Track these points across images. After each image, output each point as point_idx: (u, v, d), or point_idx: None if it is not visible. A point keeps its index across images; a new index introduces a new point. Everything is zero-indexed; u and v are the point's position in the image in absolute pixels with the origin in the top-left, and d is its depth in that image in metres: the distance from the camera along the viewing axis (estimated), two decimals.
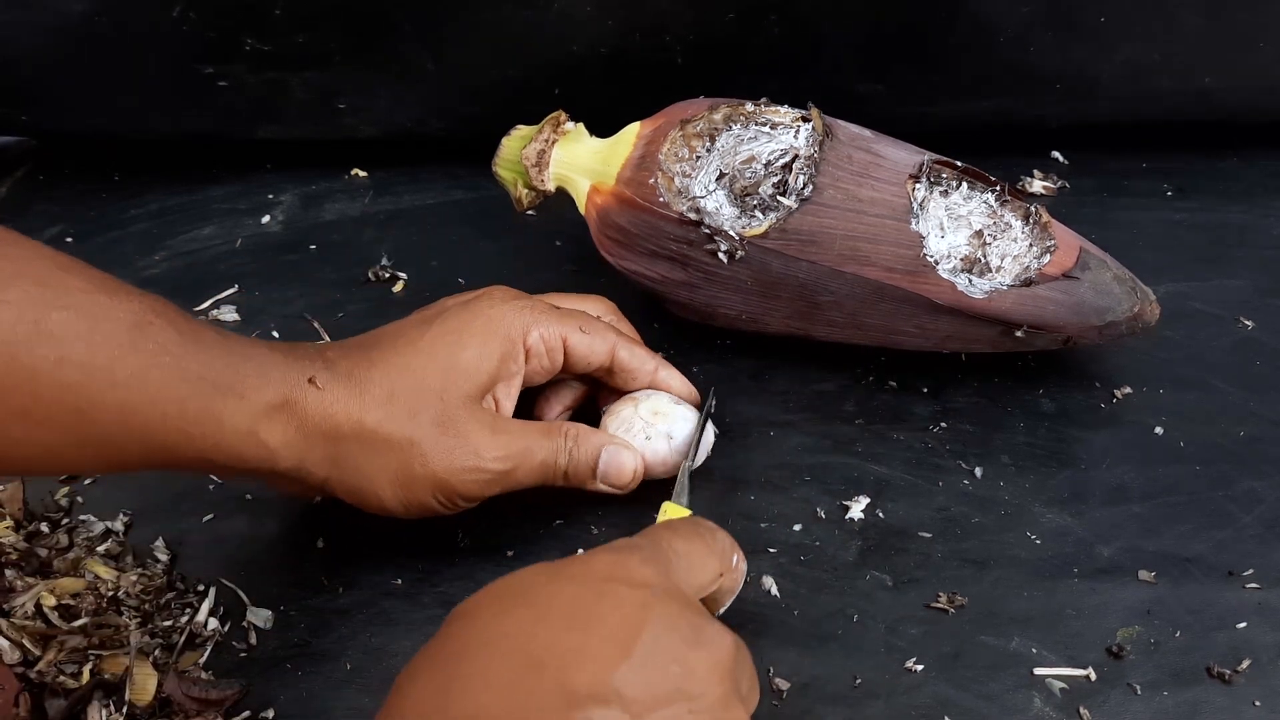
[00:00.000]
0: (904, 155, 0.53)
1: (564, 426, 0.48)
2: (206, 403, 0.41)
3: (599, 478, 0.49)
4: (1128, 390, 0.55)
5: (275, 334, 0.61)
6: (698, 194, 0.53)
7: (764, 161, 0.53)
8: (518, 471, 0.47)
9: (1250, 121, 0.70)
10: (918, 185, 0.53)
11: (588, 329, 0.50)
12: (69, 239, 0.69)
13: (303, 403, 0.43)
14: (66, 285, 0.39)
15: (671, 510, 0.47)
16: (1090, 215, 0.65)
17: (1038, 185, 0.68)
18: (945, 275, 0.51)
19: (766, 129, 0.54)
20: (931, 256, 0.51)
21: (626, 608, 0.33)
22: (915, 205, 0.52)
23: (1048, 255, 0.52)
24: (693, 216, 0.52)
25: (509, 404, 0.48)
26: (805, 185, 0.51)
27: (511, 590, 0.34)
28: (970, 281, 0.51)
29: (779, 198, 0.51)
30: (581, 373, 0.51)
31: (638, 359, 0.51)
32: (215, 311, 0.63)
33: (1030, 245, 0.52)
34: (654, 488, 0.50)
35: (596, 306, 0.53)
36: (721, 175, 0.53)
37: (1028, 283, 0.51)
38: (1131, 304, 0.52)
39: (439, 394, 0.45)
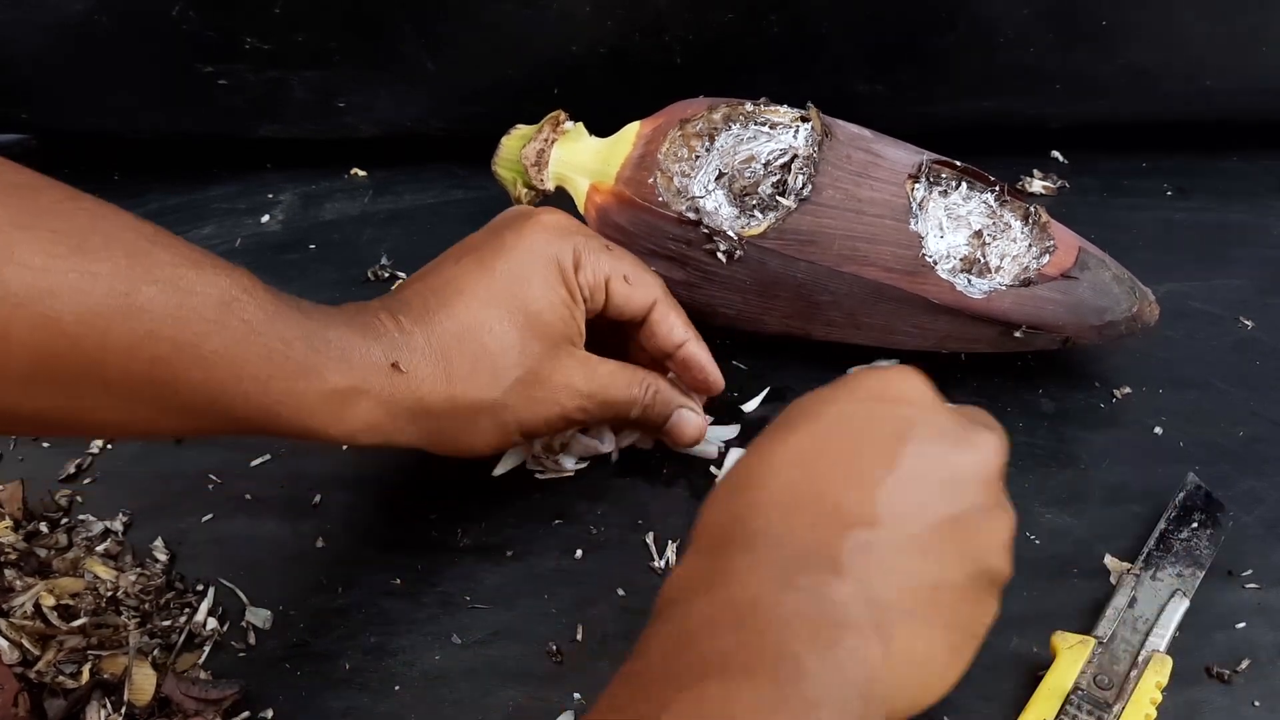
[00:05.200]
0: (903, 155, 0.53)
1: (645, 380, 0.49)
2: (289, 383, 0.40)
3: (665, 433, 0.50)
4: (1128, 390, 0.55)
5: None
6: (697, 194, 0.53)
7: (763, 161, 0.53)
8: (596, 414, 0.48)
9: (1251, 121, 0.70)
10: (917, 185, 0.53)
11: (633, 279, 0.49)
12: None
13: (388, 388, 0.43)
14: (155, 259, 0.38)
15: None
16: (1090, 215, 0.65)
17: (1038, 185, 0.68)
18: (944, 275, 0.51)
19: (766, 129, 0.54)
20: (930, 256, 0.51)
21: (891, 424, 0.36)
22: (914, 205, 0.52)
23: (1047, 255, 0.52)
24: (692, 216, 0.52)
25: (582, 336, 0.48)
26: (804, 185, 0.51)
27: (796, 412, 0.38)
28: (969, 281, 0.51)
29: (778, 198, 0.51)
30: (613, 319, 0.50)
31: (670, 324, 0.50)
32: None
33: (1029, 245, 0.52)
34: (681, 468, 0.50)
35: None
36: (721, 175, 0.53)
37: (1026, 283, 0.51)
38: (1130, 304, 0.52)
39: (521, 351, 0.45)
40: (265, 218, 0.70)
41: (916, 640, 0.33)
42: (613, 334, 0.51)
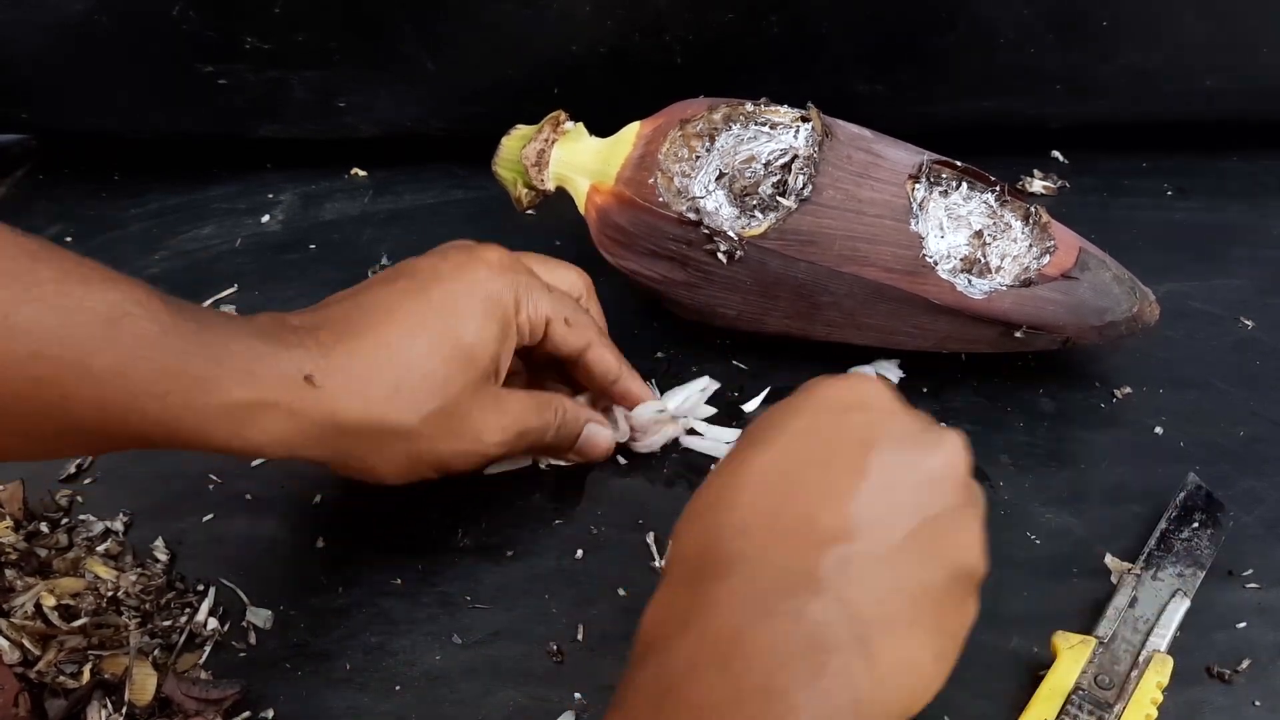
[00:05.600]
0: (904, 155, 0.53)
1: (554, 403, 0.49)
2: (188, 396, 0.39)
3: (575, 450, 0.51)
4: (1128, 390, 0.55)
5: None
6: (697, 194, 0.53)
7: (764, 161, 0.53)
8: (512, 449, 0.48)
9: (1251, 121, 0.70)
10: (917, 185, 0.53)
11: (573, 321, 0.49)
12: (69, 239, 0.69)
13: (298, 403, 0.41)
14: (37, 276, 0.37)
15: None
16: (1090, 215, 0.65)
17: (1038, 185, 0.68)
18: (944, 276, 0.51)
19: (766, 129, 0.53)
20: (931, 257, 0.51)
21: (858, 432, 0.36)
22: (915, 206, 0.52)
23: (1047, 256, 0.52)
24: (692, 216, 0.52)
25: (503, 374, 0.48)
26: (805, 185, 0.51)
27: (762, 427, 0.37)
28: (970, 282, 0.51)
29: (778, 198, 0.51)
30: (546, 354, 0.50)
31: (605, 365, 0.51)
32: None
33: (1030, 246, 0.52)
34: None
35: (573, 280, 0.52)
36: (721, 175, 0.53)
37: (1027, 283, 0.51)
38: (1130, 304, 0.52)
39: (443, 383, 0.44)
40: (265, 218, 0.70)
41: (900, 650, 0.33)
42: (548, 366, 0.52)
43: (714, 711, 0.30)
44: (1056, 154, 0.71)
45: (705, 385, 0.55)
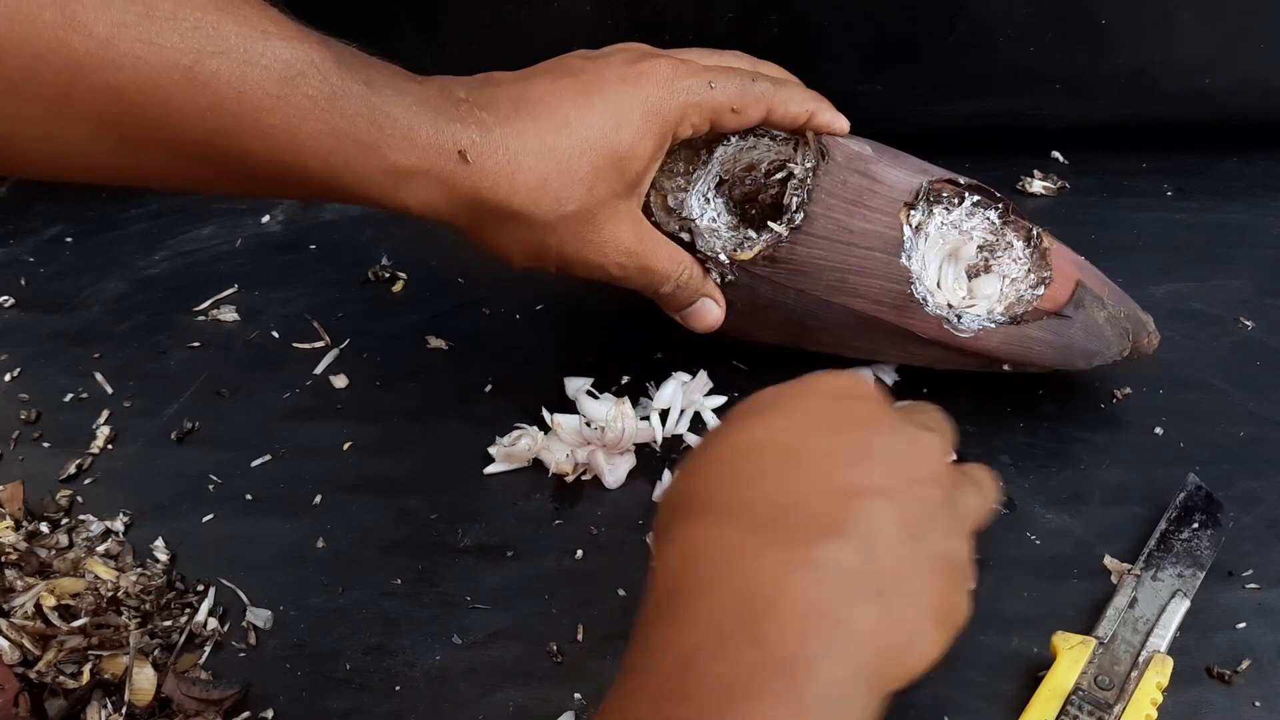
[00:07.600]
0: (902, 178, 0.51)
1: (685, 262, 0.50)
2: (350, 158, 0.41)
3: (683, 316, 0.51)
4: (1128, 390, 0.55)
5: (275, 334, 0.61)
6: (691, 213, 0.51)
7: (764, 170, 0.52)
8: (628, 280, 0.49)
9: (1250, 121, 0.69)
10: (913, 212, 0.50)
11: (740, 108, 0.48)
12: (69, 239, 0.69)
13: (449, 175, 0.43)
14: (222, 29, 0.38)
15: None
16: (1090, 215, 0.65)
17: (1038, 185, 0.68)
18: (932, 312, 0.50)
19: (766, 139, 0.53)
20: (919, 293, 0.50)
21: (856, 416, 0.37)
22: (907, 237, 0.50)
23: (1042, 287, 0.51)
24: (685, 238, 0.50)
25: (646, 186, 0.49)
26: (798, 210, 0.50)
27: (762, 402, 0.38)
28: (958, 319, 0.50)
29: (770, 223, 0.50)
30: None
31: (791, 115, 0.50)
32: (215, 311, 0.63)
33: (1028, 270, 0.51)
34: None
35: (736, 60, 0.52)
36: (722, 182, 0.52)
37: (1016, 320, 0.50)
38: (1121, 348, 0.51)
39: (588, 187, 0.45)
40: (265, 218, 0.70)
41: (913, 608, 0.33)
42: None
43: (737, 681, 0.30)
44: (1056, 154, 0.71)
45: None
